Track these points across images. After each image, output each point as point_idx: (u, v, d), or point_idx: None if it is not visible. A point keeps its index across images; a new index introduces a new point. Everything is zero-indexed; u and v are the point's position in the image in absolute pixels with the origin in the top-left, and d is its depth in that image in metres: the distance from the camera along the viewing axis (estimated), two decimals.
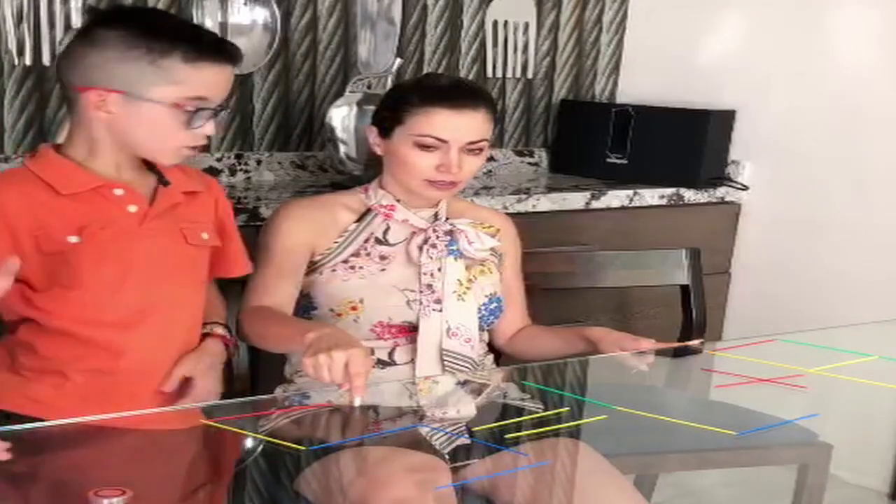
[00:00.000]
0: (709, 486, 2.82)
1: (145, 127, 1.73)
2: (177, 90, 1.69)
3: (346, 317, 1.95)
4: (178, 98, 1.70)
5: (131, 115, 1.71)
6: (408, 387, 1.97)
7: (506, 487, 1.68)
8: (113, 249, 1.73)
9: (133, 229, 1.76)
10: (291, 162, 2.93)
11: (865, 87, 2.99)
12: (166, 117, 1.71)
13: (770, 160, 3.21)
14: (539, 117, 3.42)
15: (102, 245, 1.72)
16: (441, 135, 1.93)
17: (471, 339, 2.00)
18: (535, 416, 1.80)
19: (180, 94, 1.70)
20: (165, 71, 1.68)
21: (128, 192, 1.77)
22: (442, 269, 1.99)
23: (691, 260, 2.47)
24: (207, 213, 1.90)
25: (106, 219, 1.73)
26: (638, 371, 2.05)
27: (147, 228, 1.77)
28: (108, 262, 1.73)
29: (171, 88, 1.69)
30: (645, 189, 3.07)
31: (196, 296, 1.86)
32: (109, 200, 1.75)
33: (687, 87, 3.27)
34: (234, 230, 1.97)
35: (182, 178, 1.86)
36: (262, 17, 2.75)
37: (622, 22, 3.50)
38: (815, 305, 3.05)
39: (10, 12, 2.42)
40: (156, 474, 1.58)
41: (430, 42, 3.13)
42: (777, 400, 1.96)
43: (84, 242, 1.70)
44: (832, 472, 2.07)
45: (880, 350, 2.01)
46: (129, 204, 1.76)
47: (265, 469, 1.60)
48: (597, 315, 2.93)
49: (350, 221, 2.02)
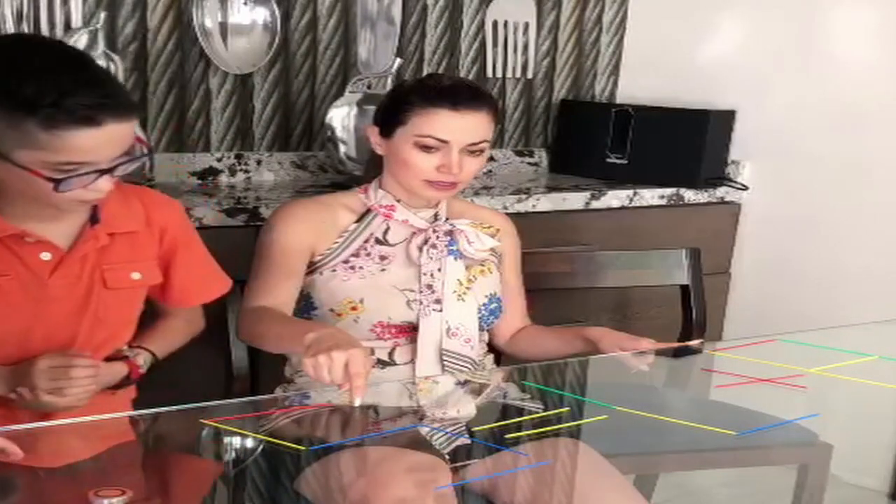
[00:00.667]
0: (709, 486, 2.82)
1: (19, 184, 1.56)
2: (39, 155, 1.50)
3: (347, 317, 1.95)
4: (41, 163, 1.51)
5: (7, 173, 1.55)
6: (408, 387, 1.97)
7: (506, 487, 1.68)
8: (17, 300, 1.63)
9: (43, 279, 1.65)
10: (291, 162, 2.93)
11: (865, 86, 2.99)
12: (33, 181, 1.53)
13: (770, 160, 3.21)
14: (539, 117, 3.42)
15: (9, 297, 1.63)
16: (442, 135, 1.93)
17: (471, 339, 2.00)
18: (535, 416, 1.80)
19: (44, 158, 1.51)
20: (24, 135, 1.49)
21: (39, 241, 1.64)
22: (442, 269, 1.99)
23: (691, 260, 2.47)
24: (145, 248, 1.78)
25: (16, 269, 1.63)
26: (638, 371, 2.05)
27: (60, 276, 1.66)
28: (17, 314, 1.63)
29: (35, 153, 1.50)
30: (645, 189, 3.07)
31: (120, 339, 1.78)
32: (21, 249, 1.64)
33: (687, 88, 3.27)
34: (191, 260, 1.85)
35: (117, 215, 1.72)
36: (262, 17, 2.75)
37: (622, 22, 3.50)
38: (815, 305, 3.05)
39: (10, 12, 2.42)
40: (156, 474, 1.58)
41: (430, 42, 3.13)
42: (777, 400, 1.96)
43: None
44: (832, 472, 2.07)
45: (880, 350, 2.01)
46: (42, 251, 1.65)
47: (265, 469, 1.60)
48: (597, 315, 2.93)
49: (350, 222, 2.02)
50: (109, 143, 1.54)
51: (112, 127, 1.52)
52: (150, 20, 2.64)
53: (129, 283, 1.74)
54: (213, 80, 2.77)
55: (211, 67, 2.74)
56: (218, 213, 2.36)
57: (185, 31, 2.69)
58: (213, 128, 2.80)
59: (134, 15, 2.62)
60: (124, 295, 1.76)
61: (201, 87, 2.76)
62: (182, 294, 1.86)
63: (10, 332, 1.64)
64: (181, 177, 2.73)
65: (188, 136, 2.77)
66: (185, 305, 1.89)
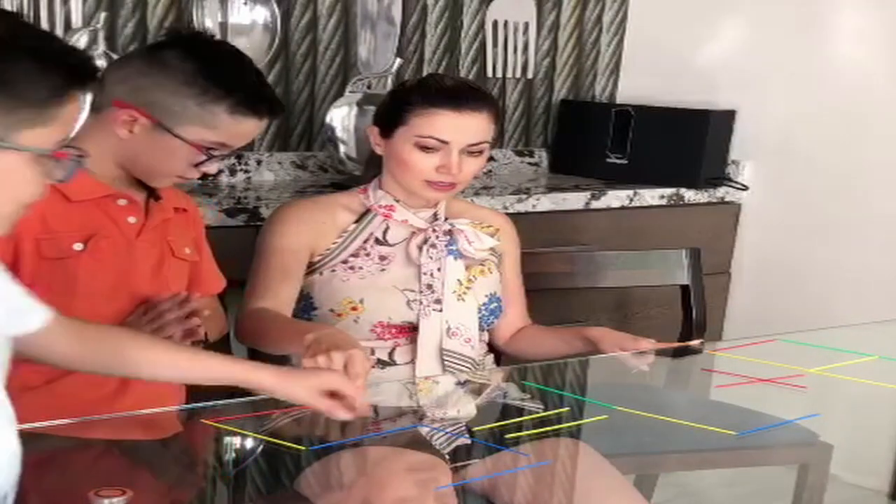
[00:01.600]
0: (709, 486, 2.82)
1: (158, 155, 1.73)
2: (207, 134, 1.71)
3: (347, 317, 1.95)
4: (203, 140, 1.71)
5: (152, 141, 1.71)
6: (408, 387, 1.97)
7: (506, 487, 1.68)
8: (112, 259, 1.73)
9: (131, 240, 1.76)
10: (291, 162, 2.93)
11: (865, 87, 2.99)
12: (184, 153, 1.72)
13: (770, 160, 3.21)
14: (539, 117, 3.42)
15: (102, 254, 1.72)
16: (442, 136, 1.93)
17: (471, 338, 2.00)
18: (535, 416, 1.80)
19: (208, 137, 1.71)
20: (209, 115, 1.70)
21: (130, 203, 1.77)
22: (441, 268, 1.99)
23: (691, 260, 2.47)
24: (189, 230, 1.91)
25: (108, 228, 1.74)
26: (638, 371, 2.05)
27: (143, 240, 1.78)
28: (106, 272, 1.72)
29: (203, 131, 1.70)
30: (645, 189, 3.07)
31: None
32: (113, 210, 1.75)
33: (687, 87, 3.26)
34: (206, 249, 1.97)
35: (171, 195, 1.87)
36: (262, 17, 2.75)
37: (622, 22, 3.50)
38: (815, 305, 3.05)
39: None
40: (156, 475, 1.58)
41: (430, 42, 3.13)
42: (777, 400, 1.96)
43: (87, 251, 1.70)
44: (832, 472, 2.07)
45: (880, 350, 2.01)
46: (130, 215, 1.77)
47: (265, 469, 1.60)
48: (597, 315, 2.93)
49: (349, 222, 2.02)
50: (255, 134, 1.80)
51: (265, 122, 1.78)
52: (150, 20, 2.64)
53: (185, 256, 1.86)
54: None
55: None
56: (218, 213, 2.36)
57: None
58: None
59: (134, 15, 2.62)
60: (184, 267, 1.87)
61: None
62: (211, 280, 1.96)
63: (100, 290, 1.72)
64: None
65: None
66: (214, 292, 1.97)
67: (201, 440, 1.52)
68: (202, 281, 1.93)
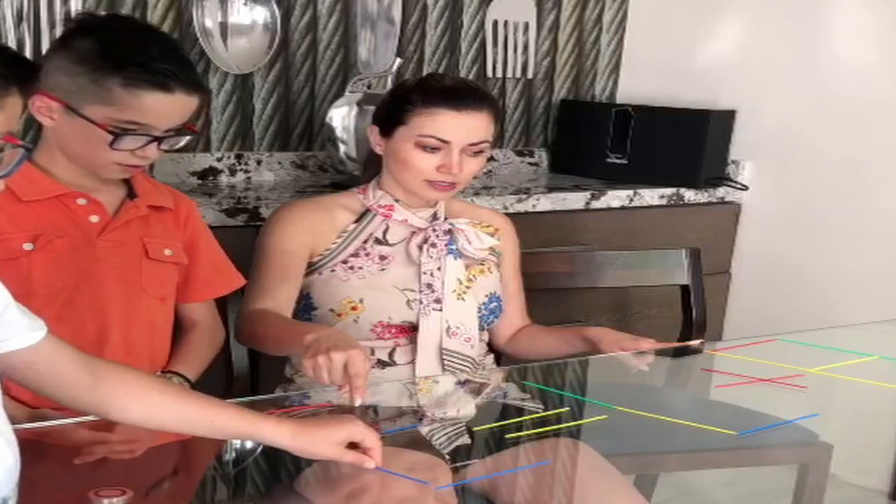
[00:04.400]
0: (709, 486, 2.82)
1: (77, 140, 1.71)
2: (109, 111, 1.67)
3: (347, 317, 1.95)
4: (107, 119, 1.67)
5: (69, 126, 1.70)
6: (408, 387, 1.97)
7: (506, 487, 1.68)
8: (69, 259, 1.71)
9: (92, 239, 1.75)
10: (291, 162, 2.93)
11: (865, 86, 2.99)
12: (92, 134, 1.68)
13: (770, 160, 3.21)
14: (539, 117, 3.42)
15: (58, 254, 1.70)
16: (443, 135, 1.93)
17: (471, 338, 2.00)
18: (535, 416, 1.80)
19: (111, 115, 1.67)
20: (104, 91, 1.67)
21: (91, 202, 1.76)
22: (441, 268, 1.99)
23: (691, 260, 2.47)
24: (176, 230, 1.88)
25: (64, 227, 1.72)
26: (638, 371, 2.05)
27: (107, 240, 1.76)
28: (64, 272, 1.70)
29: (105, 109, 1.67)
30: (645, 189, 3.07)
31: (158, 312, 1.84)
32: (71, 209, 1.74)
33: (687, 88, 3.27)
34: (208, 251, 1.93)
35: (151, 192, 1.85)
36: (262, 17, 2.75)
37: (622, 22, 3.50)
38: (815, 305, 3.05)
39: (10, 12, 2.42)
40: (156, 475, 1.58)
41: (430, 42, 3.13)
42: (777, 400, 1.96)
43: (37, 250, 1.69)
44: (832, 472, 2.07)
45: (880, 350, 2.01)
46: (91, 214, 1.76)
47: (265, 469, 1.60)
48: (597, 315, 2.93)
49: (349, 222, 2.02)
50: (172, 111, 1.71)
51: (180, 97, 1.69)
52: (150, 20, 2.64)
53: (163, 257, 1.83)
54: (213, 80, 2.77)
55: (211, 67, 2.74)
56: (218, 213, 2.36)
57: (185, 31, 2.69)
58: (213, 128, 2.80)
59: (134, 15, 2.62)
60: (163, 270, 1.84)
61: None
62: (206, 285, 1.93)
63: (60, 290, 1.70)
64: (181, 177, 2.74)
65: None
66: (208, 297, 1.95)
67: (201, 440, 1.52)
68: (194, 285, 1.91)
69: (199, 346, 1.92)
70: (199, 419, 1.41)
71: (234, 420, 1.42)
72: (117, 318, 1.76)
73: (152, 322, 1.83)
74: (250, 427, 1.42)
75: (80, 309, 1.72)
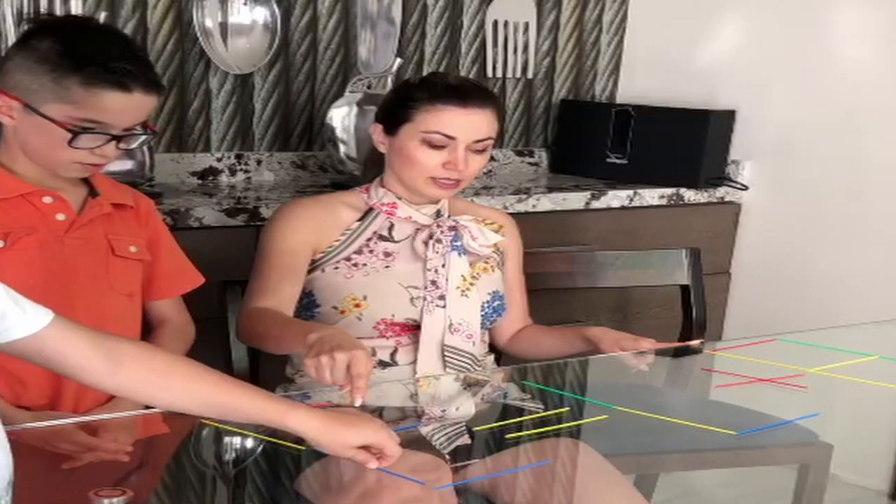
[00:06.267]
0: (709, 486, 2.82)
1: (38, 139, 1.73)
2: (68, 110, 1.69)
3: (350, 314, 1.95)
4: (66, 117, 1.69)
5: (29, 125, 1.72)
6: (408, 387, 1.97)
7: (506, 487, 1.68)
8: (40, 257, 1.72)
9: (60, 238, 1.76)
10: (291, 162, 2.93)
11: (865, 87, 2.99)
12: (52, 133, 1.70)
13: (770, 160, 3.21)
14: (539, 117, 3.42)
15: (28, 252, 1.72)
16: (449, 131, 1.93)
17: (472, 335, 2.00)
18: (535, 416, 1.80)
19: (70, 113, 1.69)
20: (64, 90, 1.68)
21: (57, 200, 1.77)
22: (446, 264, 1.99)
23: (691, 260, 2.47)
24: (138, 228, 1.90)
25: (32, 225, 1.74)
26: (638, 371, 2.05)
27: (74, 237, 1.77)
28: (34, 270, 1.71)
29: (64, 107, 1.69)
30: (645, 189, 3.07)
31: (127, 308, 1.85)
32: (37, 207, 1.75)
33: (687, 88, 3.27)
34: (168, 249, 1.95)
35: (112, 191, 1.86)
36: (262, 17, 2.75)
37: (622, 22, 3.50)
38: (815, 305, 3.05)
39: (10, 12, 2.42)
40: (156, 475, 1.58)
41: (430, 42, 3.13)
42: (777, 400, 1.96)
43: (8, 248, 1.70)
44: (832, 472, 2.07)
45: (880, 350, 2.01)
46: (58, 212, 1.77)
47: (265, 469, 1.60)
48: (597, 315, 2.93)
49: (352, 219, 2.02)
50: (130, 110, 1.73)
51: (139, 96, 1.72)
52: (150, 20, 2.64)
53: (129, 254, 1.85)
54: (213, 80, 2.77)
55: (211, 67, 2.74)
56: (218, 213, 2.36)
57: (185, 31, 2.69)
58: (213, 128, 2.81)
59: (134, 15, 2.62)
60: (129, 266, 1.85)
61: (201, 87, 2.76)
62: (170, 282, 1.94)
63: (31, 288, 1.64)
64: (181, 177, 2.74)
65: (188, 136, 2.77)
66: (174, 295, 1.96)
67: (201, 440, 1.52)
68: (159, 283, 1.92)
69: (171, 343, 1.92)
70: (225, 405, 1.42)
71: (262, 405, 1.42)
72: (87, 315, 1.71)
73: (121, 319, 1.83)
74: (277, 414, 1.42)
75: (51, 306, 1.68)
